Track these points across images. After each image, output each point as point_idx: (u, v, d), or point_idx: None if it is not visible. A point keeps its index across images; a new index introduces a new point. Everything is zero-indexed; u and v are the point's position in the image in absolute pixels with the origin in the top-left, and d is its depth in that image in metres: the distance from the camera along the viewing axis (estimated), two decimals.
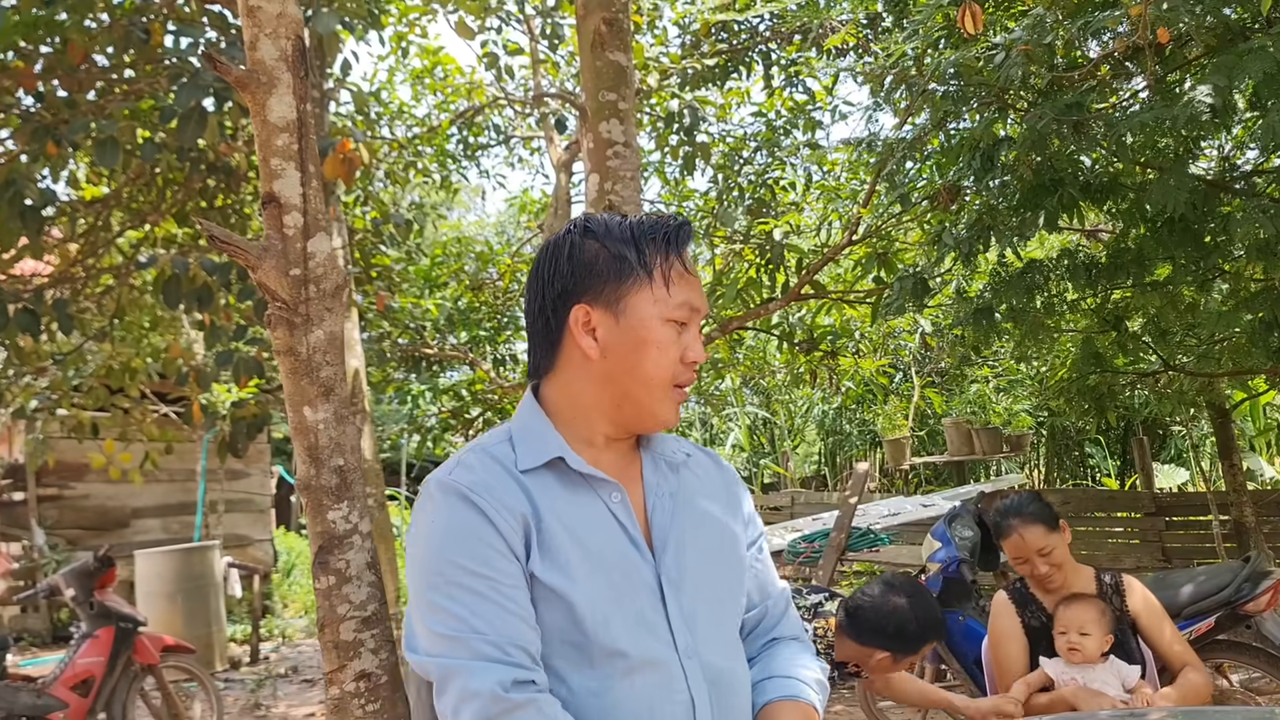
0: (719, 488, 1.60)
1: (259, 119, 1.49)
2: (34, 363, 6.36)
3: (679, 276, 1.48)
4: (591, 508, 1.44)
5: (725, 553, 1.54)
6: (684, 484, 1.55)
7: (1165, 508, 9.01)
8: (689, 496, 1.54)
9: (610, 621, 1.39)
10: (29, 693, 4.99)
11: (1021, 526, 3.10)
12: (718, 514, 1.56)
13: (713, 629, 1.48)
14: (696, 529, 1.52)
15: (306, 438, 1.51)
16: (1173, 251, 4.80)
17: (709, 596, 1.49)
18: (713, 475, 1.61)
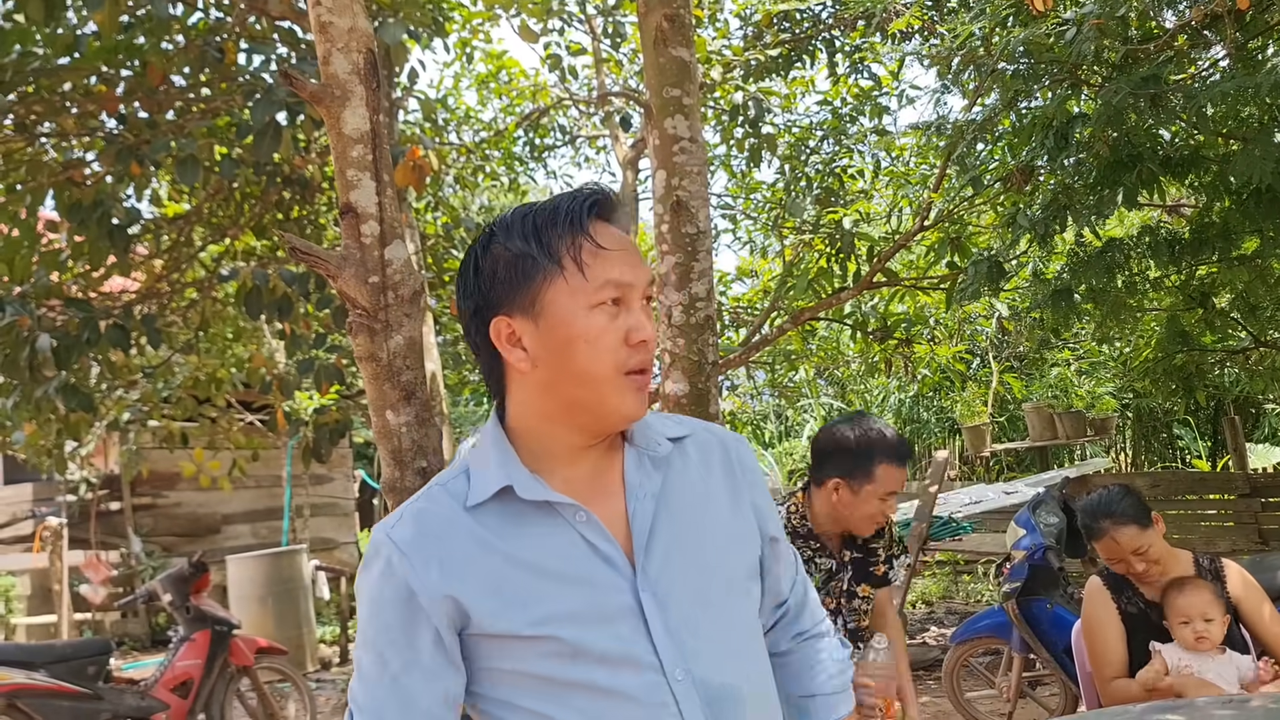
0: (718, 472, 1.44)
1: (334, 131, 1.52)
2: (125, 376, 6.57)
3: (592, 255, 1.30)
4: (553, 534, 1.32)
5: (727, 548, 1.40)
6: (671, 479, 1.39)
7: (1260, 488, 8.71)
8: (677, 491, 1.39)
9: (582, 655, 1.30)
10: (133, 695, 5.17)
11: (1113, 529, 2.99)
12: (717, 505, 1.41)
13: (715, 641, 1.34)
14: (688, 528, 1.37)
15: (390, 441, 1.55)
16: (1260, 224, 4.67)
17: (708, 603, 1.35)
18: (711, 458, 1.44)
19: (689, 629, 1.32)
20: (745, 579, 1.42)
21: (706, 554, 1.37)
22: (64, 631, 8.70)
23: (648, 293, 1.34)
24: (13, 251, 5.39)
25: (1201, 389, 8.09)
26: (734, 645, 1.37)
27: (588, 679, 1.30)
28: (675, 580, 1.33)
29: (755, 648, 1.42)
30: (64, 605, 8.79)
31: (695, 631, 1.32)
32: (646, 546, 1.33)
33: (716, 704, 1.31)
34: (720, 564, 1.38)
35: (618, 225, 1.36)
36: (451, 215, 8.27)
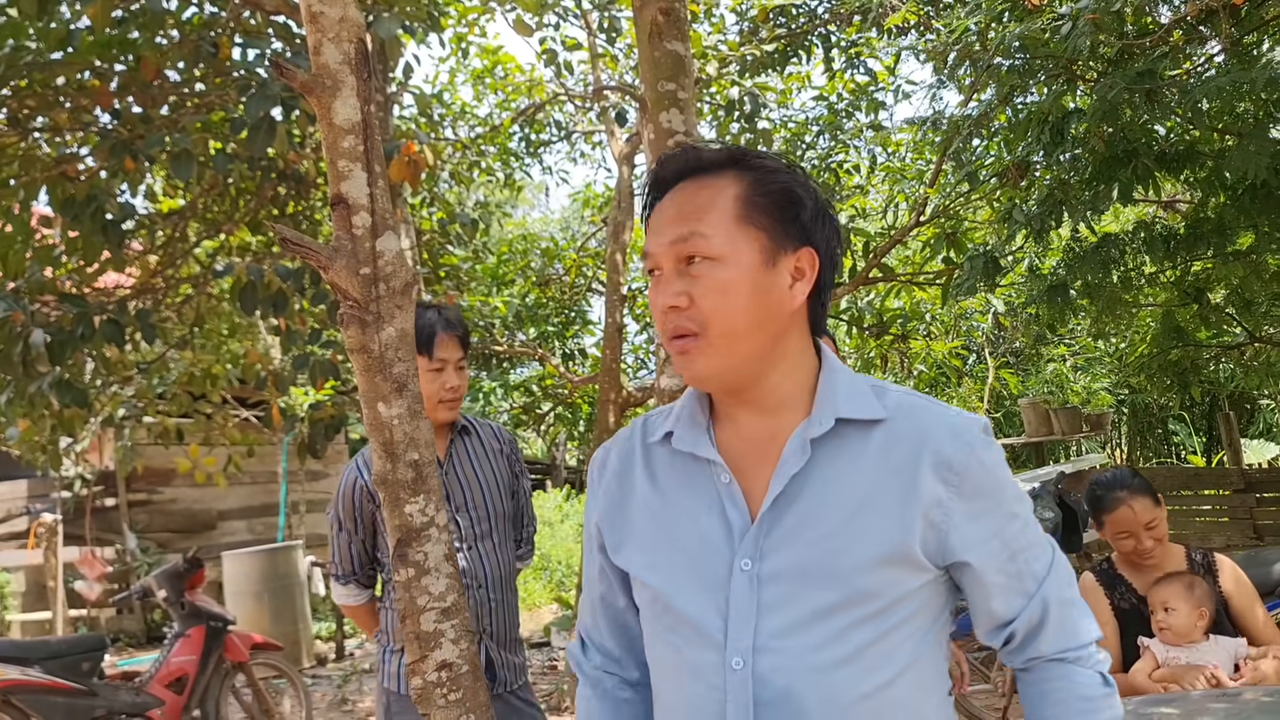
0: (900, 468, 1.27)
1: (325, 122, 1.52)
2: (120, 372, 6.56)
3: (648, 227, 1.33)
4: (697, 487, 1.33)
5: (863, 553, 1.25)
6: (823, 462, 1.28)
7: (1255, 484, 8.73)
8: (826, 478, 1.28)
9: (670, 611, 1.32)
10: (128, 691, 5.16)
11: (1130, 498, 2.99)
12: (874, 505, 1.27)
13: (803, 643, 1.25)
14: (822, 519, 1.27)
15: (382, 433, 1.54)
16: (1255, 219, 4.67)
17: (815, 602, 1.25)
18: (898, 451, 1.28)
19: (776, 621, 1.25)
20: (882, 590, 1.26)
21: (834, 552, 1.26)
22: (59, 628, 8.70)
23: (680, 253, 1.28)
24: (6, 247, 5.37)
25: (1196, 384, 8.11)
26: (830, 655, 1.25)
27: (669, 637, 1.32)
28: (785, 568, 1.26)
29: (864, 666, 1.26)
30: (59, 602, 8.78)
31: (782, 626, 1.25)
32: (761, 525, 1.28)
33: (769, 706, 1.24)
34: (847, 567, 1.25)
35: (679, 187, 1.32)
36: (447, 211, 8.27)
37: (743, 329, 1.26)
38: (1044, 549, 1.35)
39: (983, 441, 1.30)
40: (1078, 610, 1.35)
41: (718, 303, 1.25)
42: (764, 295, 1.27)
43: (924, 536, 1.26)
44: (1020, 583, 1.32)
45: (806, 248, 1.31)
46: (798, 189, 1.32)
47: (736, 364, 1.28)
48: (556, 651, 8.71)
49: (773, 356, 1.31)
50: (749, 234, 1.27)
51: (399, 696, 2.66)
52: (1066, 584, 1.35)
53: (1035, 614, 1.32)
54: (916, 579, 1.28)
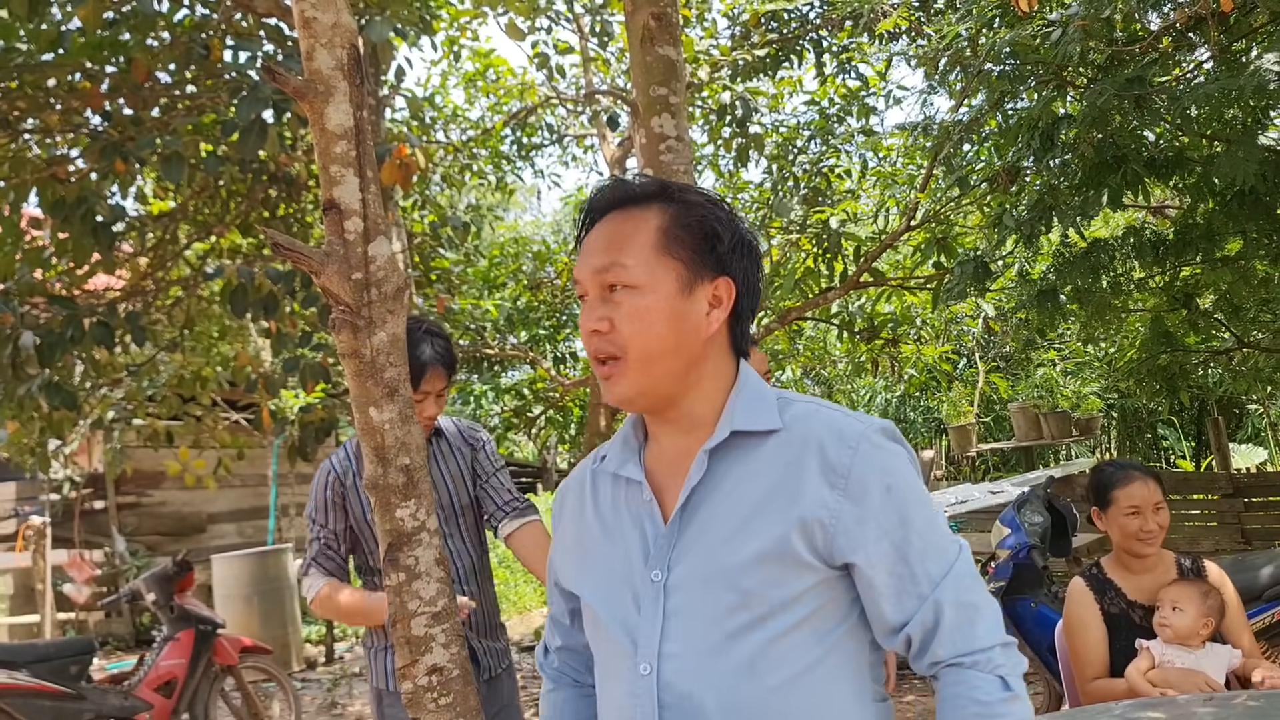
0: (794, 475, 1.33)
1: (317, 127, 1.52)
2: (109, 374, 6.54)
3: (578, 254, 1.42)
4: (628, 506, 1.42)
5: (752, 560, 1.30)
6: (720, 472, 1.36)
7: (1243, 488, 8.77)
8: (724, 488, 1.35)
9: (600, 623, 1.40)
10: (116, 694, 5.14)
11: (1143, 476, 3.07)
12: (767, 512, 1.32)
13: (702, 650, 1.31)
14: (718, 528, 1.33)
15: (373, 438, 1.54)
16: (1244, 225, 4.69)
17: (711, 611, 1.31)
18: (792, 457, 1.34)
19: (678, 627, 1.31)
20: (769, 590, 1.30)
21: (726, 556, 1.31)
22: (47, 631, 8.65)
23: (603, 281, 1.35)
24: None
25: (1185, 389, 8.13)
26: (728, 658, 1.30)
27: (601, 647, 1.41)
28: (687, 576, 1.32)
29: (762, 668, 1.30)
30: (47, 605, 8.74)
31: (684, 632, 1.31)
32: (667, 537, 1.35)
33: (672, 710, 1.30)
34: (735, 570, 1.31)
35: (603, 223, 1.40)
36: (439, 214, 8.26)
37: (658, 353, 1.33)
38: (942, 551, 1.33)
39: (871, 444, 1.33)
40: (979, 613, 1.33)
41: (636, 328, 1.33)
42: (680, 321, 1.34)
43: (809, 537, 1.30)
44: (913, 585, 1.31)
45: (724, 277, 1.38)
46: (715, 223, 1.38)
47: (653, 386, 1.35)
48: None
49: (689, 379, 1.37)
50: (667, 264, 1.35)
51: (391, 694, 2.70)
52: (967, 587, 1.33)
53: (928, 618, 1.31)
54: (805, 580, 1.31)
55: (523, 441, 18.05)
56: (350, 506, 2.77)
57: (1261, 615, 4.09)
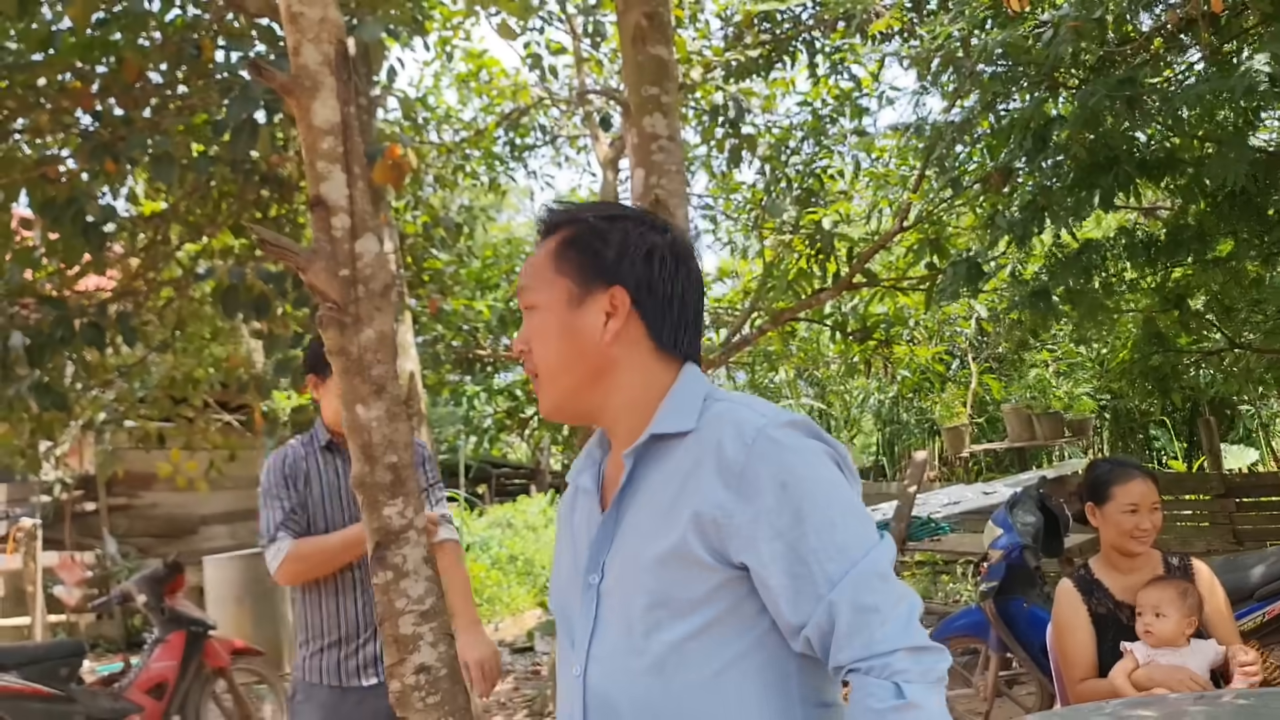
0: (696, 475, 1.33)
1: (304, 123, 1.51)
2: (100, 376, 6.51)
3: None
4: (586, 513, 1.47)
5: (656, 560, 1.32)
6: (638, 475, 1.39)
7: (1235, 489, 8.80)
8: (641, 490, 1.38)
9: (561, 625, 1.46)
10: (106, 697, 5.12)
11: (1141, 474, 3.08)
12: (672, 512, 1.33)
13: (617, 649, 1.34)
14: (634, 530, 1.37)
15: (360, 435, 1.54)
16: (1235, 226, 4.70)
17: (625, 611, 1.34)
18: (699, 458, 1.34)
19: (604, 630, 1.35)
20: (672, 591, 1.31)
21: (636, 559, 1.34)
22: (38, 633, 8.62)
23: (525, 302, 1.43)
24: None
25: (1177, 390, 8.16)
26: (639, 660, 1.31)
27: (559, 649, 1.45)
28: (614, 579, 1.36)
29: (671, 669, 1.30)
30: (38, 607, 8.70)
31: (607, 635, 1.35)
32: (600, 541, 1.40)
33: (594, 710, 1.34)
34: (642, 572, 1.33)
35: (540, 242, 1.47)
36: (431, 214, 8.25)
37: (558, 367, 1.39)
38: (842, 550, 1.28)
39: (768, 440, 1.30)
40: (879, 615, 1.26)
41: (538, 346, 1.41)
42: (573, 335, 1.39)
43: (704, 536, 1.29)
44: (810, 586, 1.27)
45: (615, 286, 1.40)
46: (596, 237, 1.41)
47: (565, 398, 1.41)
48: (540, 656, 8.69)
49: (602, 388, 1.41)
50: (557, 282, 1.41)
51: (305, 684, 2.81)
52: (869, 588, 1.27)
53: (823, 620, 1.27)
54: (709, 580, 1.30)
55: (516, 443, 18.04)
56: (303, 487, 2.84)
57: (1252, 615, 4.10)
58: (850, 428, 16.20)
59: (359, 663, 2.81)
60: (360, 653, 2.82)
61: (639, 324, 1.41)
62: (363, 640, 2.82)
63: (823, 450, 1.33)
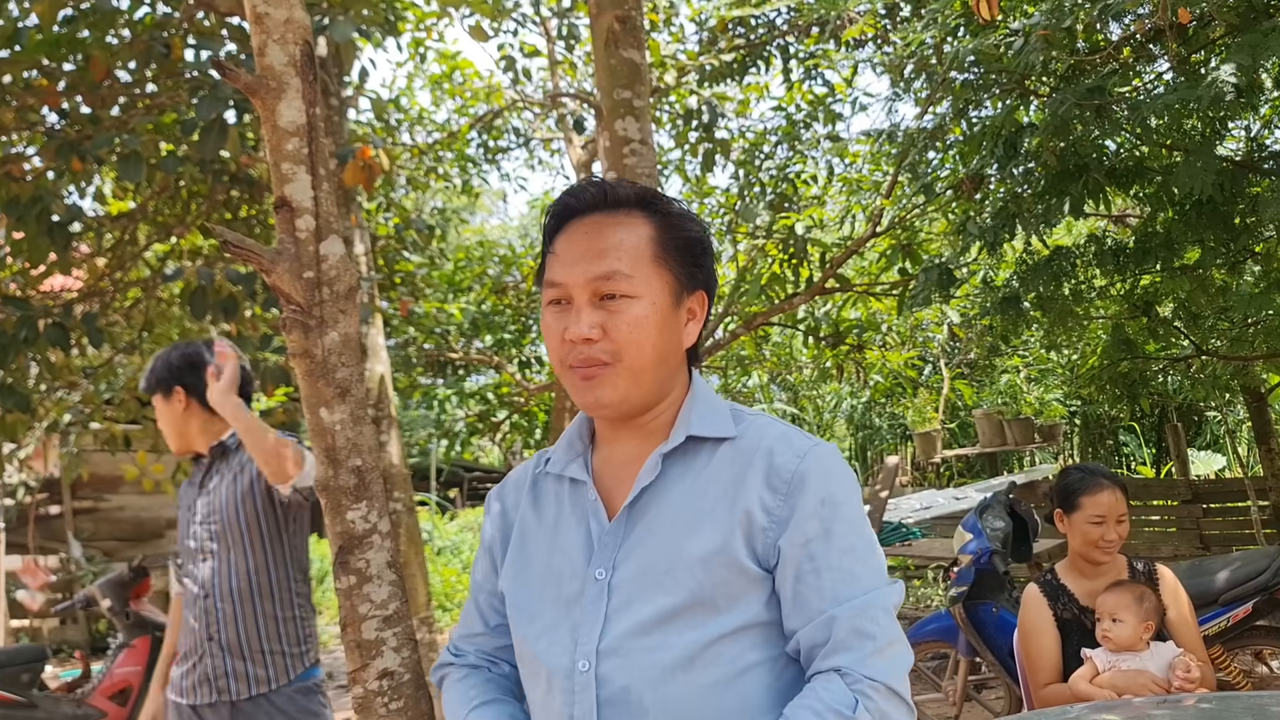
0: (742, 482, 1.36)
1: (269, 124, 1.50)
2: (65, 377, 6.43)
3: (552, 257, 1.42)
4: (574, 507, 1.44)
5: (694, 561, 1.33)
6: (672, 476, 1.39)
7: (1202, 495, 8.90)
8: (675, 492, 1.38)
9: (530, 629, 1.42)
10: (69, 703, 5.04)
11: (1112, 486, 3.09)
12: (711, 516, 1.35)
13: (640, 646, 1.32)
14: (666, 531, 1.36)
15: (324, 439, 1.52)
16: (1202, 234, 4.74)
17: (652, 609, 1.33)
18: (746, 465, 1.37)
19: (620, 624, 1.34)
20: (711, 591, 1.32)
21: (671, 555, 1.34)
22: (0, 638, 8.49)
23: (599, 289, 1.35)
24: None
25: (1145, 396, 8.23)
26: (667, 655, 1.31)
27: (534, 645, 1.40)
28: (631, 574, 1.35)
29: (700, 666, 1.31)
30: (0, 612, 8.58)
31: (625, 629, 1.33)
32: (613, 535, 1.37)
33: (610, 705, 1.31)
34: (679, 569, 1.33)
35: (588, 219, 1.40)
36: (403, 217, 8.20)
37: (650, 363, 1.37)
38: (855, 578, 1.32)
39: (817, 458, 1.36)
40: (875, 645, 1.29)
41: (633, 337, 1.35)
42: (669, 333, 1.39)
43: (749, 539, 1.33)
44: (816, 597, 1.31)
45: (700, 291, 1.44)
46: (705, 238, 1.45)
47: (639, 394, 1.39)
48: None
49: (665, 388, 1.42)
50: (662, 275, 1.39)
51: (169, 702, 2.88)
52: (872, 618, 1.30)
53: (819, 634, 1.30)
54: (747, 583, 1.33)
55: (488, 447, 17.96)
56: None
57: (1217, 619, 4.13)
58: (823, 432, 16.24)
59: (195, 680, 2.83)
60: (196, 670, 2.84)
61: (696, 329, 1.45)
62: (199, 657, 2.84)
63: (851, 480, 1.40)
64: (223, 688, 2.80)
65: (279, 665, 2.86)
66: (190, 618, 2.86)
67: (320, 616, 11.15)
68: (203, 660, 2.82)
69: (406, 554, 5.72)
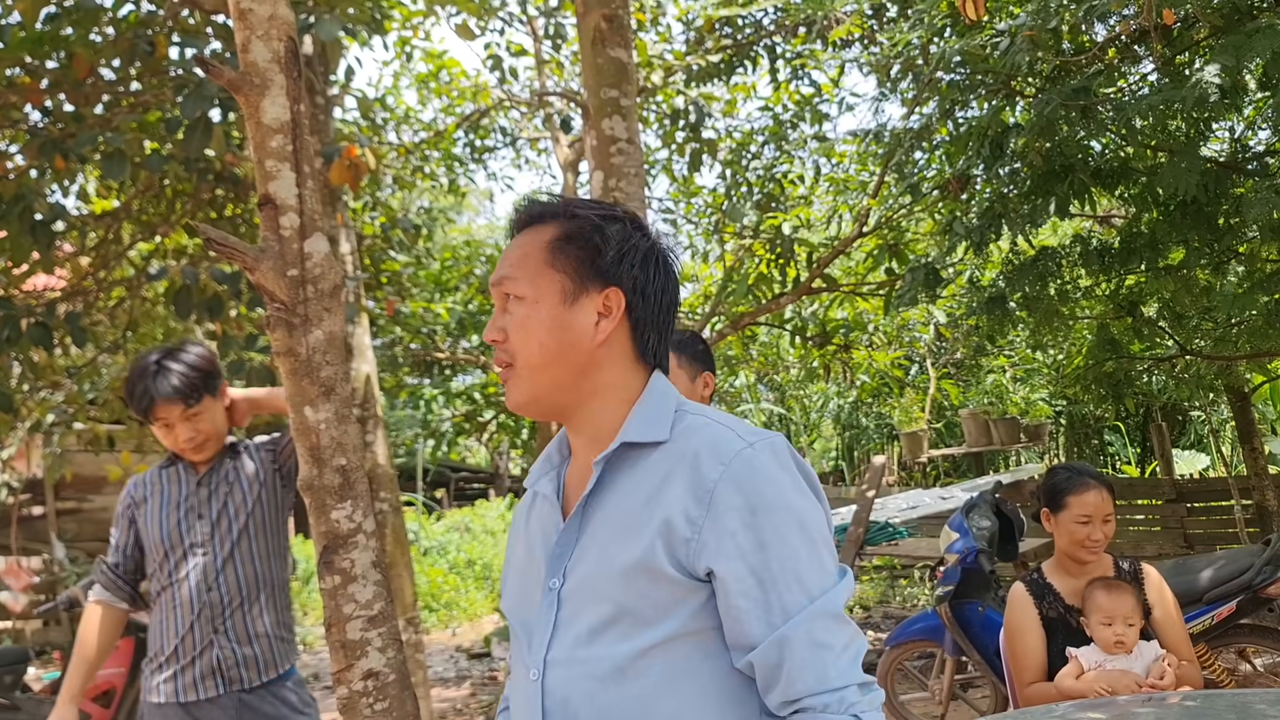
0: (668, 488, 1.32)
1: (253, 121, 1.49)
2: (49, 377, 6.39)
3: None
4: (545, 518, 1.46)
5: (622, 570, 1.31)
6: (605, 484, 1.38)
7: (1186, 494, 8.94)
8: (607, 499, 1.37)
9: (516, 631, 1.44)
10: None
11: (1098, 486, 3.10)
12: (640, 523, 1.32)
13: (579, 655, 1.32)
14: (600, 538, 1.35)
15: (308, 438, 1.51)
16: (1186, 235, 4.77)
17: (588, 617, 1.33)
18: (673, 471, 1.33)
19: (564, 635, 1.34)
20: (638, 602, 1.30)
21: (601, 566, 1.33)
22: None
23: (500, 292, 1.41)
24: None
25: (1130, 395, 8.27)
26: (601, 667, 1.30)
27: (515, 654, 1.43)
28: (575, 585, 1.35)
29: (633, 679, 1.30)
30: None
31: (568, 640, 1.34)
32: (562, 545, 1.38)
33: (552, 715, 1.32)
34: (606, 581, 1.32)
35: (516, 237, 1.45)
36: (389, 216, 8.17)
37: (541, 362, 1.37)
38: (802, 584, 1.28)
39: (745, 462, 1.30)
40: (831, 652, 1.27)
41: (520, 338, 1.38)
42: (563, 331, 1.37)
43: (671, 550, 1.28)
44: (765, 614, 1.27)
45: (611, 287, 1.40)
46: (598, 235, 1.40)
47: (542, 393, 1.39)
48: (497, 661, 8.64)
49: (584, 388, 1.40)
50: (551, 276, 1.39)
51: (153, 706, 2.87)
52: (823, 627, 1.27)
53: (772, 654, 1.27)
54: (671, 591, 1.29)
55: (474, 447, 17.94)
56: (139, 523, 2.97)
57: (1201, 618, 4.15)
58: (809, 432, 16.28)
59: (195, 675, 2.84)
60: (196, 664, 2.84)
61: (626, 328, 1.42)
62: (199, 651, 2.84)
63: (791, 476, 1.33)
64: (234, 677, 2.83)
65: (282, 651, 2.95)
66: (176, 616, 2.84)
67: (307, 617, 11.11)
68: (205, 654, 2.83)
69: (393, 554, 5.70)
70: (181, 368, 2.86)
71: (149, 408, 2.84)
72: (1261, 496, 7.68)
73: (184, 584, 2.86)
